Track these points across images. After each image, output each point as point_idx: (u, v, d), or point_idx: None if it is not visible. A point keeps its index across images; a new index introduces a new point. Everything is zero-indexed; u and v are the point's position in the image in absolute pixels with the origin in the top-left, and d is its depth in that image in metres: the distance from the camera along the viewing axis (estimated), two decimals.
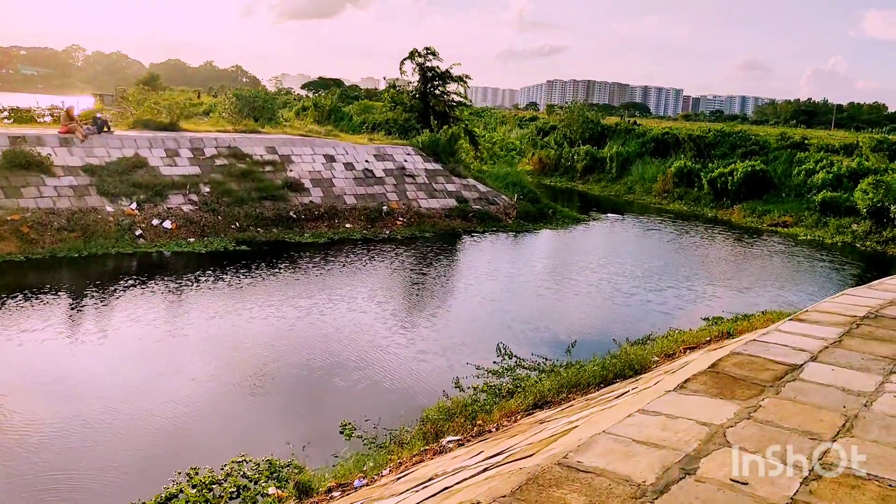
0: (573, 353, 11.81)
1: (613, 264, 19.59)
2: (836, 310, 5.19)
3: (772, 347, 4.19)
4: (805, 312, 5.09)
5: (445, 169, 25.01)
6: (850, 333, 4.57)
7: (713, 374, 3.69)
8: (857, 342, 4.38)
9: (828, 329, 4.65)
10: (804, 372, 3.80)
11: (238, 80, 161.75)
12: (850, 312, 5.11)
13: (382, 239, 20.44)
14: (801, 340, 4.37)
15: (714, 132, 36.10)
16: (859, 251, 23.07)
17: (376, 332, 12.82)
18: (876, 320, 4.93)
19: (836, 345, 4.32)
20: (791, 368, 3.84)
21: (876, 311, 5.15)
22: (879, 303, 5.43)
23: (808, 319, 4.90)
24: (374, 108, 33.21)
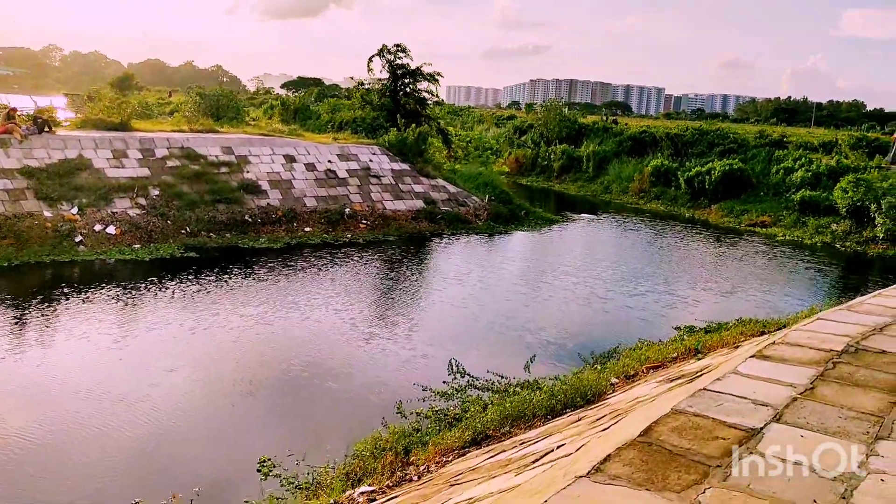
0: (533, 368, 10.92)
1: (587, 267, 18.74)
2: (808, 341, 4.29)
3: (726, 401, 3.28)
4: (771, 346, 4.19)
5: (413, 169, 24.05)
6: (824, 377, 3.67)
7: (644, 448, 2.77)
8: (833, 390, 3.48)
9: (797, 371, 3.75)
10: (764, 440, 2.89)
11: (218, 80, 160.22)
12: (826, 345, 4.21)
13: (343, 243, 19.45)
14: (763, 389, 3.46)
15: (692, 130, 35.41)
16: (839, 252, 22.39)
17: (327, 347, 11.89)
18: (856, 356, 4.03)
19: (806, 395, 3.41)
20: (747, 435, 2.93)
21: (856, 343, 4.26)
22: (860, 330, 4.54)
23: (773, 356, 4.00)
24: (343, 107, 32.17)
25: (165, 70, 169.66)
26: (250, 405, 9.40)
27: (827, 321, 4.75)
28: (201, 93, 31.39)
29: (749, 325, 11.37)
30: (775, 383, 3.54)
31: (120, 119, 21.43)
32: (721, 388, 3.44)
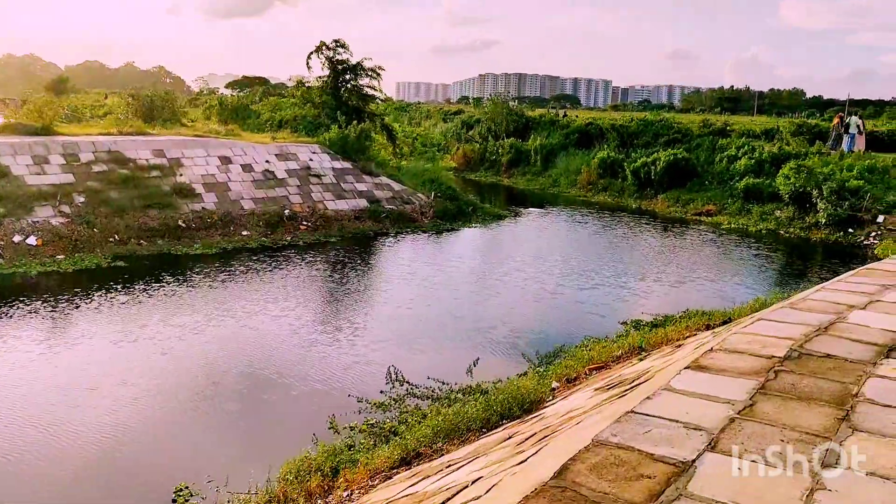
0: (477, 372, 10.51)
1: (536, 262, 18.42)
2: (747, 346, 3.91)
3: (655, 426, 2.85)
4: (708, 355, 3.79)
5: (356, 167, 23.42)
6: (765, 390, 3.28)
7: (556, 495, 2.32)
8: (774, 406, 3.08)
9: (736, 383, 3.35)
10: (696, 478, 2.46)
11: (161, 81, 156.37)
12: (767, 350, 3.84)
13: (283, 246, 18.74)
14: (697, 409, 3.04)
15: (637, 121, 35.47)
16: (783, 238, 22.54)
17: (263, 356, 11.26)
18: (800, 363, 3.66)
19: (746, 413, 3.01)
20: (677, 471, 2.50)
21: (800, 347, 3.89)
22: (803, 331, 4.19)
23: (710, 367, 3.60)
24: (284, 106, 31.30)
25: (104, 72, 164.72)
26: (173, 424, 8.74)
27: (768, 322, 4.39)
28: (134, 94, 30.19)
29: (695, 318, 11.15)
30: (711, 400, 3.14)
31: (42, 123, 20.31)
32: (650, 409, 3.01)
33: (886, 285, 5.37)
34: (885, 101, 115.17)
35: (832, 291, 5.20)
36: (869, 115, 72.37)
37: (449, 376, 10.39)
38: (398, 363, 11.10)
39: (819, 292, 5.19)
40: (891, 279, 5.58)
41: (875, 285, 5.38)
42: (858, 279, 5.61)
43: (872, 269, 5.95)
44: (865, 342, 4.01)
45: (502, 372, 10.57)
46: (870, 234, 21.57)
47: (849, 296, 5.07)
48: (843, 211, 21.99)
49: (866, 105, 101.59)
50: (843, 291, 5.19)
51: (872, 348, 3.90)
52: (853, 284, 5.40)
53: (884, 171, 23.80)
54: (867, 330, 4.22)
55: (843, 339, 4.07)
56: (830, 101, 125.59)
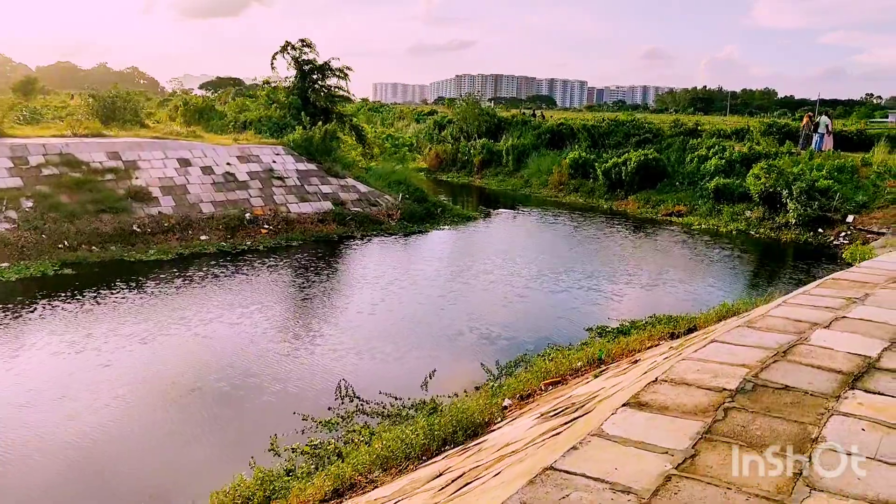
0: (434, 384, 10.04)
1: (505, 265, 18.00)
2: (696, 376, 3.46)
3: (576, 489, 2.38)
4: (651, 388, 3.33)
5: (321, 169, 22.83)
6: (712, 433, 2.82)
7: None
8: (720, 457, 2.63)
9: (678, 426, 2.89)
10: None
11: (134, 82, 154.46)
12: (718, 381, 3.39)
13: (242, 251, 18.12)
14: (629, 461, 2.58)
15: (608, 121, 35.22)
16: (753, 239, 22.34)
17: (213, 367, 10.72)
18: (753, 396, 3.22)
19: (686, 468, 2.55)
20: None
21: (755, 376, 3.45)
22: (760, 356, 3.75)
23: (651, 404, 3.14)
24: (251, 107, 30.57)
25: (77, 73, 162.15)
26: (101, 448, 8.15)
27: (722, 345, 3.95)
28: (94, 94, 29.26)
29: (659, 325, 10.76)
30: (648, 450, 2.67)
31: None
32: (574, 465, 2.53)
33: (852, 298, 4.96)
34: (854, 101, 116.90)
35: (794, 307, 4.78)
36: (839, 114, 73.11)
37: (404, 389, 9.92)
38: (353, 374, 10.62)
39: (780, 307, 4.77)
40: (857, 291, 5.18)
41: (840, 298, 4.97)
42: (822, 291, 5.21)
43: (838, 280, 5.55)
44: (828, 369, 3.58)
45: (460, 384, 10.12)
46: (839, 235, 21.42)
47: (812, 311, 4.65)
48: (812, 211, 21.83)
49: (836, 105, 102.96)
50: (805, 306, 4.78)
51: (836, 377, 3.47)
52: (816, 298, 4.99)
53: (853, 170, 23.71)
54: (831, 354, 3.80)
55: (803, 365, 3.64)
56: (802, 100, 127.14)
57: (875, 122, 51.99)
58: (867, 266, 6.17)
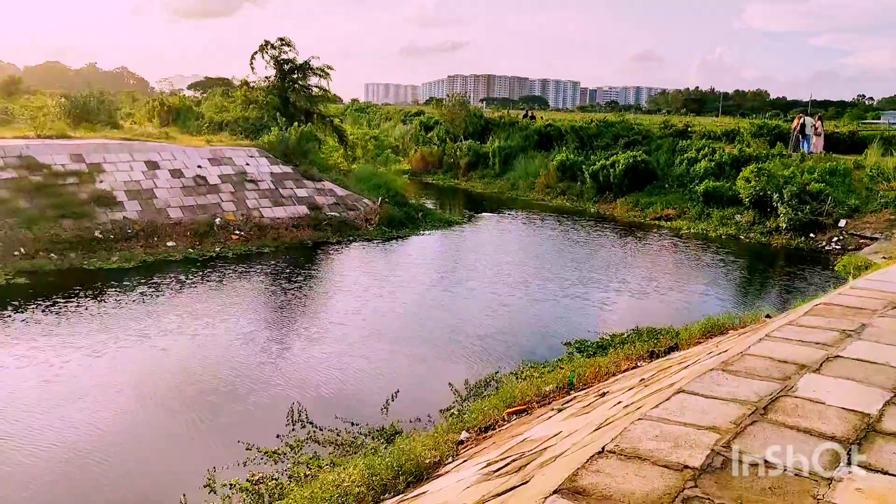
0: (398, 407, 9.30)
1: (486, 272, 17.29)
2: (654, 447, 2.74)
3: None
4: (596, 462, 2.61)
5: (296, 172, 22.06)
6: None
7: None
8: None
9: None
10: None
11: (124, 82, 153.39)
12: (679, 455, 2.67)
13: (211, 257, 17.35)
14: None
15: (596, 123, 34.54)
16: (743, 244, 21.69)
17: (160, 385, 10.00)
18: (722, 478, 2.51)
19: None
20: None
21: (726, 446, 2.74)
22: (734, 415, 3.04)
23: (592, 492, 2.42)
24: (229, 108, 29.75)
25: (66, 73, 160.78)
26: (21, 482, 7.38)
27: (690, 397, 3.23)
28: (66, 94, 28.44)
29: (640, 341, 10.05)
30: None
31: None
32: None
33: (846, 331, 4.25)
34: (846, 102, 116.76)
35: (778, 342, 4.07)
36: (830, 116, 72.72)
37: (366, 412, 9.20)
38: (313, 394, 9.91)
39: (762, 343, 4.05)
40: (851, 321, 4.47)
41: (832, 331, 4.26)
42: (812, 321, 4.50)
43: (829, 306, 4.84)
44: (819, 434, 2.87)
45: (425, 406, 9.40)
46: (832, 240, 20.80)
47: (799, 349, 3.94)
48: (804, 215, 21.20)
49: (828, 106, 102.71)
50: (792, 342, 4.06)
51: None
52: (805, 331, 4.28)
53: (845, 173, 23.09)
54: (821, 411, 3.08)
55: (787, 428, 2.92)
56: (794, 102, 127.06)
57: (867, 123, 51.52)
58: (863, 286, 5.47)
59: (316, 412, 8.98)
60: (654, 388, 4.41)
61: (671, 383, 3.93)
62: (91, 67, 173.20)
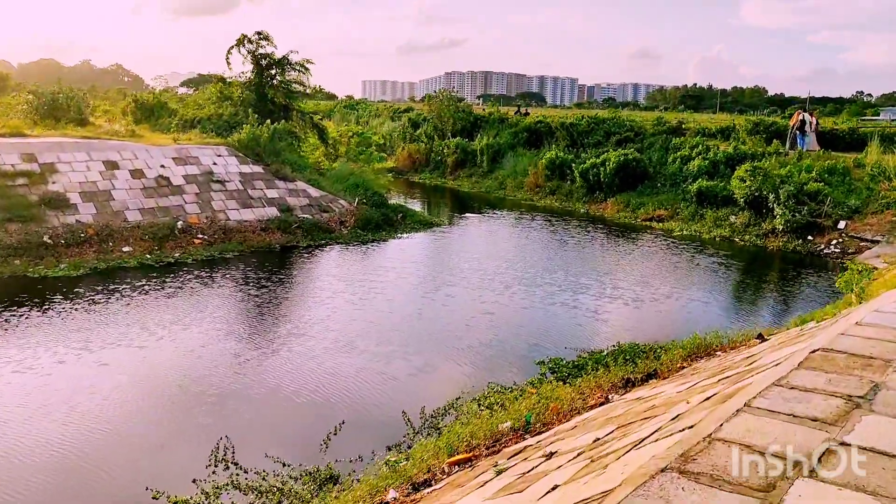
0: (338, 444, 8.19)
1: (462, 280, 16.21)
2: None
3: None
4: None
5: (268, 171, 20.93)
6: None
7: None
8: None
9: None
10: None
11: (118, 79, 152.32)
12: None
13: (168, 263, 16.24)
14: None
15: (587, 119, 33.37)
16: (738, 246, 20.60)
17: (84, 408, 9.01)
18: None
19: None
20: None
21: None
22: None
23: None
24: (205, 104, 28.55)
25: (60, 70, 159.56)
26: None
27: None
28: (35, 91, 27.28)
29: (616, 367, 8.95)
30: None
31: None
32: None
33: (854, 398, 3.15)
34: (845, 99, 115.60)
35: (762, 416, 2.97)
36: (829, 112, 71.59)
37: (304, 447, 8.16)
38: (249, 426, 8.83)
39: (739, 418, 2.96)
40: (859, 379, 3.38)
41: (835, 397, 3.16)
42: (806, 380, 3.40)
43: (831, 355, 3.74)
44: None
45: (371, 440, 8.33)
46: (831, 242, 19.71)
47: (789, 429, 2.85)
48: (801, 217, 20.11)
49: (826, 102, 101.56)
50: (780, 416, 2.97)
51: None
52: (798, 396, 3.18)
53: (845, 172, 21.98)
54: None
55: None
56: (792, 98, 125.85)
57: (867, 119, 50.40)
58: (872, 322, 4.37)
59: (247, 448, 7.92)
60: (597, 468, 3.32)
61: (616, 474, 2.84)
62: (85, 64, 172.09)
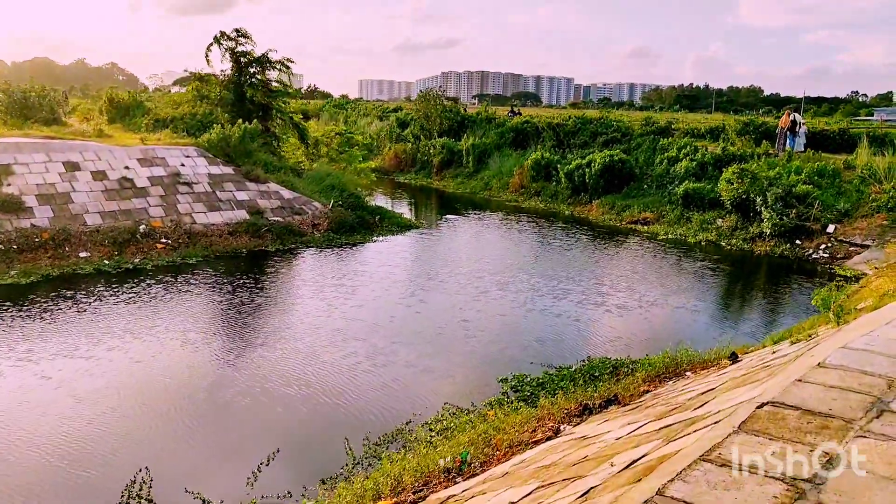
0: (267, 478, 7.48)
1: (435, 286, 15.53)
2: None
3: None
4: None
5: (238, 173, 20.21)
6: None
7: None
8: None
9: None
10: None
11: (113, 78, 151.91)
12: None
13: (126, 270, 15.51)
14: None
15: (574, 119, 32.65)
16: (724, 251, 19.93)
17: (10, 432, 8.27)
18: None
19: None
20: None
21: None
22: None
23: None
24: (180, 102, 27.82)
25: (55, 69, 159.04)
26: None
27: None
28: (5, 90, 26.57)
29: (577, 389, 8.28)
30: None
31: None
32: None
33: (800, 482, 2.45)
34: (840, 99, 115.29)
35: None
36: (824, 112, 71.12)
37: (233, 477, 7.45)
38: (177, 454, 8.15)
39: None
40: (811, 446, 2.68)
41: (777, 483, 2.46)
42: (747, 450, 2.71)
43: (780, 412, 3.05)
44: None
45: (306, 470, 7.67)
46: (819, 247, 19.07)
47: None
48: (789, 220, 19.46)
49: (822, 102, 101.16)
50: None
51: None
52: (726, 481, 2.48)
53: (834, 174, 21.32)
54: None
55: None
56: (788, 98, 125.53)
57: (860, 119, 49.81)
58: (835, 364, 3.68)
59: (170, 480, 7.23)
60: None
61: None
62: (80, 63, 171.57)
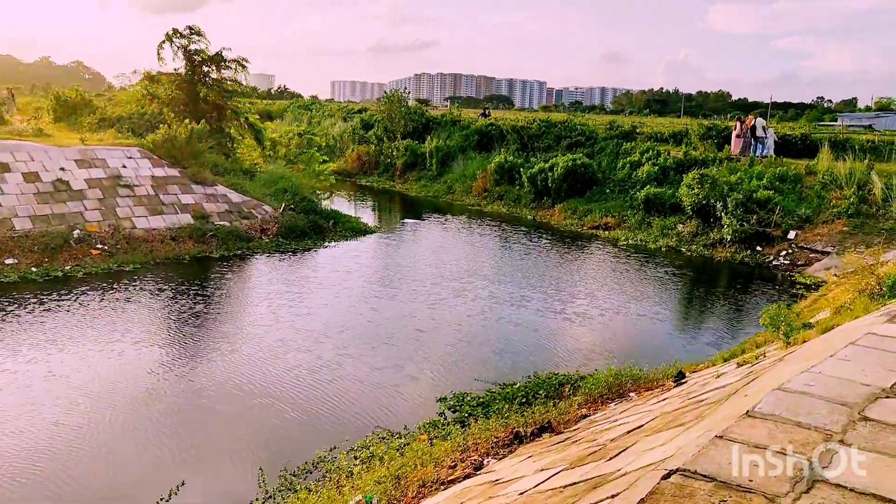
0: None
1: (386, 295, 14.84)
2: None
3: None
4: None
5: (184, 175, 19.36)
6: None
7: None
8: None
9: None
10: None
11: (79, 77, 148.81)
12: None
13: (55, 278, 14.62)
14: None
15: (538, 122, 32.20)
16: (685, 257, 19.55)
17: None
18: None
19: None
20: None
21: None
22: None
23: None
24: (130, 101, 26.82)
25: (17, 67, 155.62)
26: None
27: None
28: None
29: (510, 412, 7.69)
30: None
31: None
32: None
33: None
34: (805, 104, 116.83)
35: None
36: (790, 118, 71.73)
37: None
38: (73, 486, 7.42)
39: None
40: None
41: None
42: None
43: (688, 489, 2.46)
44: None
45: None
46: (780, 253, 18.76)
47: None
48: (750, 226, 19.14)
49: (788, 108, 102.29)
50: None
51: None
52: None
53: (796, 179, 21.08)
54: None
55: None
56: (756, 103, 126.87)
57: (823, 125, 50.14)
58: (770, 405, 3.10)
59: None
60: None
61: None
62: (44, 61, 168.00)
